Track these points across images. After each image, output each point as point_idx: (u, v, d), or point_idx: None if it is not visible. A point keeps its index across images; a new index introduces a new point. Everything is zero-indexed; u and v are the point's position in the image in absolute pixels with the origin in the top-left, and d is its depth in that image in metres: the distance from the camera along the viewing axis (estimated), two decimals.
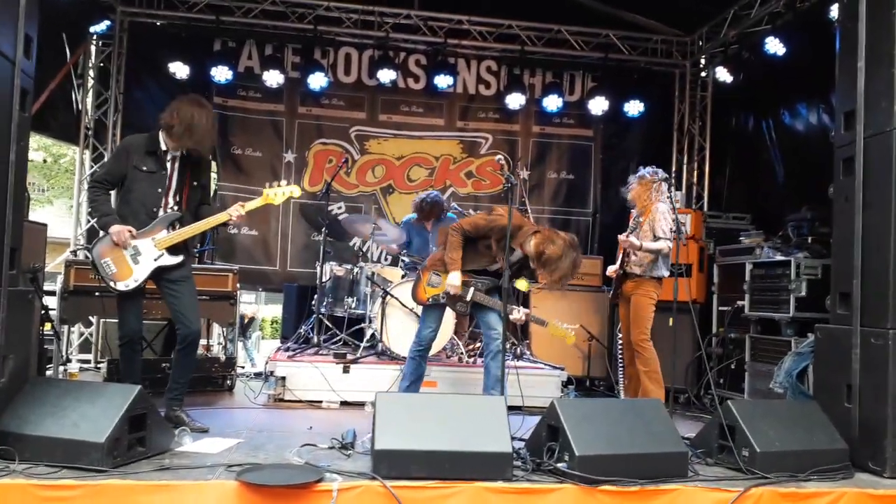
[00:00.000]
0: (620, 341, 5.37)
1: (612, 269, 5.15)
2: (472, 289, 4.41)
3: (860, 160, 3.76)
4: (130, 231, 3.82)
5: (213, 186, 5.76)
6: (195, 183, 4.03)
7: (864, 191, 3.74)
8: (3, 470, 2.85)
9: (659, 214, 4.89)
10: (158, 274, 3.92)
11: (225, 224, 4.09)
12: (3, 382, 3.25)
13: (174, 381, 4.02)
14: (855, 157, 3.78)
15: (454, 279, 4.35)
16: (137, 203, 3.90)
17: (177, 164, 3.96)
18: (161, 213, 3.92)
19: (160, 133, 3.92)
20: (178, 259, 3.93)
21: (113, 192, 4.06)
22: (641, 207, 5.03)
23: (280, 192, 4.08)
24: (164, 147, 3.93)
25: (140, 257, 3.86)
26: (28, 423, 3.07)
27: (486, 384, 4.45)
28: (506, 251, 4.17)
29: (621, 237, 4.92)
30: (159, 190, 3.92)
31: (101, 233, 3.94)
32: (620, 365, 5.48)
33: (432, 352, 5.37)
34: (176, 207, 3.96)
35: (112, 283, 3.86)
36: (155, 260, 3.88)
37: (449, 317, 5.13)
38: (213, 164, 7.69)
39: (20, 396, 3.22)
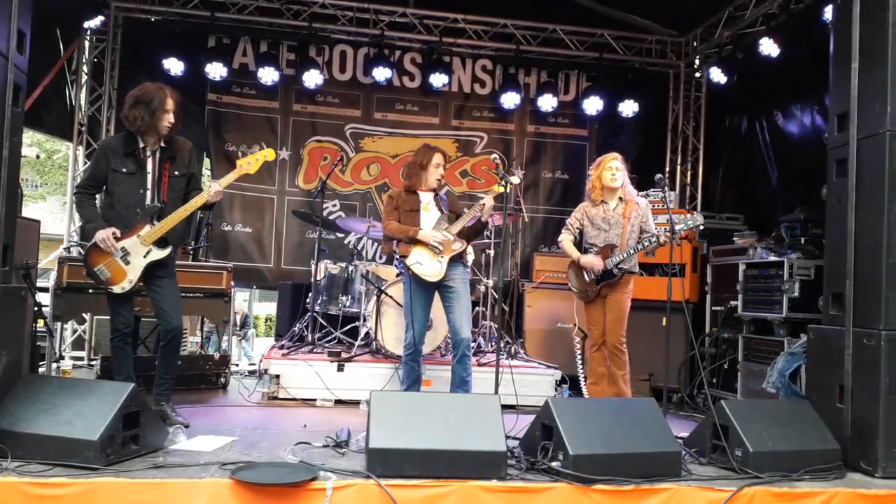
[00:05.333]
0: (580, 341, 5.10)
1: (597, 265, 4.72)
2: (443, 227, 4.58)
3: (853, 162, 3.78)
4: (115, 234, 3.79)
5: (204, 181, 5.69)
6: (176, 173, 3.98)
7: (857, 192, 3.76)
8: None
9: (649, 211, 4.81)
10: (146, 270, 3.90)
11: (209, 207, 4.06)
12: None
13: (159, 376, 4.03)
14: (848, 159, 3.80)
15: (427, 234, 4.52)
16: (121, 205, 3.88)
17: (156, 159, 3.93)
18: None
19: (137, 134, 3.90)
20: (168, 251, 3.91)
21: (100, 195, 4.06)
22: (619, 197, 4.79)
23: (254, 160, 3.99)
24: (142, 144, 3.89)
25: (130, 257, 3.84)
26: (20, 420, 3.05)
27: (453, 383, 4.59)
28: (508, 255, 4.20)
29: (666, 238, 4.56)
30: (141, 190, 3.89)
31: (91, 240, 3.91)
32: (580, 363, 5.32)
33: (427, 350, 5.38)
34: (157, 201, 3.93)
35: (110, 289, 3.87)
36: (144, 257, 3.86)
37: (443, 318, 5.12)
38: (207, 160, 7.69)
39: (12, 394, 3.20)
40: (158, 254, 3.88)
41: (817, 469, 3.39)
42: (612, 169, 4.78)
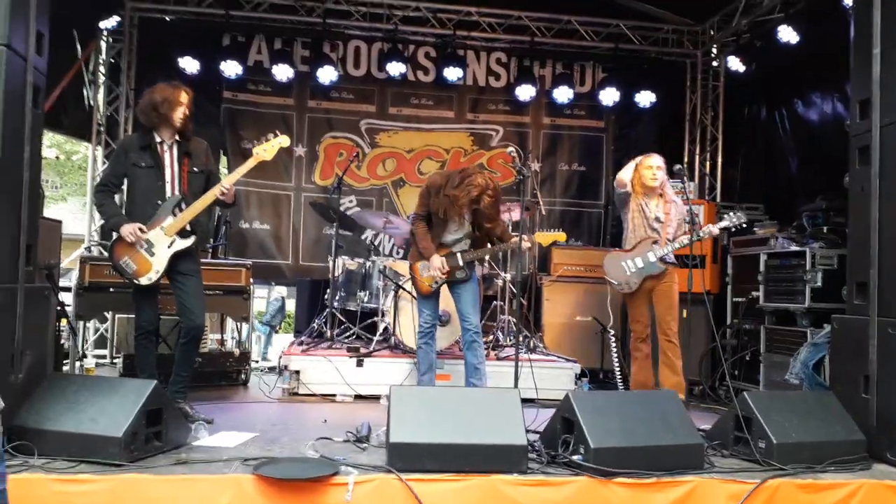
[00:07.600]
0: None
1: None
2: (458, 255, 4.68)
3: (876, 149, 3.72)
4: (141, 228, 3.86)
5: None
6: (195, 169, 4.06)
7: (881, 180, 3.70)
8: (22, 465, 2.88)
9: (684, 210, 4.85)
10: (171, 264, 3.94)
11: (226, 206, 4.20)
12: (20, 378, 3.28)
13: (176, 373, 4.05)
14: (871, 146, 3.74)
15: (436, 262, 4.62)
16: (142, 198, 3.96)
17: (174, 153, 4.00)
18: None
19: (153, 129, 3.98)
20: (191, 240, 3.97)
21: (120, 193, 4.12)
22: (658, 193, 4.87)
23: (269, 147, 4.11)
24: (158, 139, 3.97)
25: (154, 248, 3.90)
26: (46, 418, 3.10)
27: (466, 374, 4.69)
28: (522, 236, 4.21)
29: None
30: (160, 183, 3.97)
31: (115, 234, 3.96)
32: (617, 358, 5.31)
33: (445, 345, 5.39)
34: (178, 193, 4.00)
35: (136, 281, 3.92)
36: (169, 247, 3.92)
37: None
38: (224, 158, 7.73)
39: (38, 392, 3.25)
40: (182, 243, 3.94)
41: (842, 460, 3.36)
42: (652, 168, 4.81)
